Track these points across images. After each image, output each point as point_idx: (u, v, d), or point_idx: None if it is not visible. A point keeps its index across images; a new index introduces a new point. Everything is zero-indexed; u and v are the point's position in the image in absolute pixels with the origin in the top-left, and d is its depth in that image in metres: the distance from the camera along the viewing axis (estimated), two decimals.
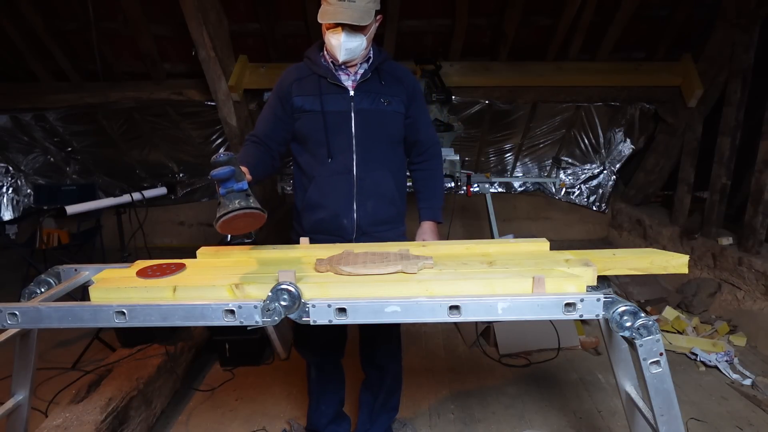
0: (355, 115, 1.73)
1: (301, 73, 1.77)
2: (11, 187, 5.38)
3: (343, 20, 1.58)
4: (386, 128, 1.78)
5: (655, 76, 4.23)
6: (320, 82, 1.73)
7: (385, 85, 1.76)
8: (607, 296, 1.23)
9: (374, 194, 1.80)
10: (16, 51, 4.19)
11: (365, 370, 2.10)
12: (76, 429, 1.87)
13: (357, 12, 1.57)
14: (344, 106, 1.73)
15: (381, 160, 1.79)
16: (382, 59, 1.78)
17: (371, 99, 1.74)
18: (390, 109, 1.76)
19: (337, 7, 1.57)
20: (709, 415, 2.37)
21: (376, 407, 2.10)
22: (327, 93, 1.73)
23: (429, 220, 1.88)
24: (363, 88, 1.74)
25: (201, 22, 3.54)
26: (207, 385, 2.71)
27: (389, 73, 1.78)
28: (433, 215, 1.86)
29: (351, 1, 1.56)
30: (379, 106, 1.75)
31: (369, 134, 1.75)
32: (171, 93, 4.38)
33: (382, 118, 1.76)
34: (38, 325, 1.27)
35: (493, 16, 3.94)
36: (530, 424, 2.33)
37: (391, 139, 1.81)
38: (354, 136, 1.74)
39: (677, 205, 4.30)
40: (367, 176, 1.77)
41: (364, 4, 1.58)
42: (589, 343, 3.02)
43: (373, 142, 1.76)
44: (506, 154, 5.16)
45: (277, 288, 1.23)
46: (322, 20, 1.61)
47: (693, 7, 3.85)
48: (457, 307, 1.23)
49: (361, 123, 1.74)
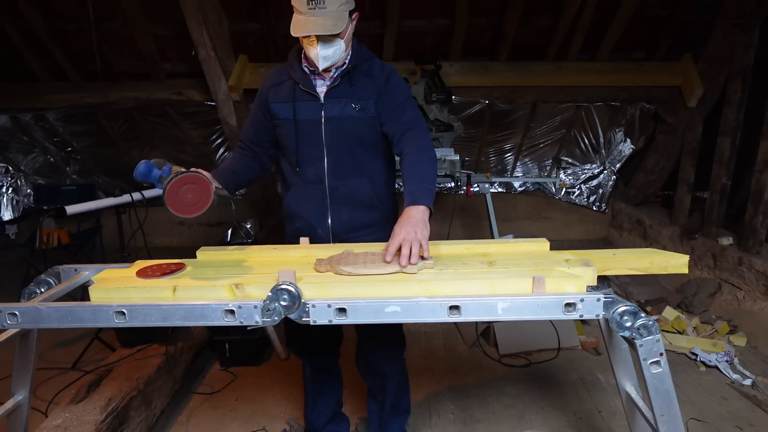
0: (326, 123, 1.68)
1: (279, 78, 1.74)
2: (11, 187, 5.38)
3: (315, 32, 1.52)
4: (358, 134, 1.71)
5: (655, 76, 4.23)
6: (294, 89, 1.69)
7: (356, 88, 1.68)
8: (607, 296, 1.23)
9: (349, 202, 1.75)
10: (16, 51, 4.19)
11: (364, 378, 2.04)
12: (76, 429, 1.87)
13: (330, 19, 1.51)
14: (315, 114, 1.69)
15: (355, 168, 1.73)
16: (359, 60, 1.70)
17: (342, 105, 1.68)
18: (361, 115, 1.68)
19: (308, 17, 1.51)
20: (709, 415, 2.37)
21: (384, 414, 2.03)
22: (300, 100, 1.69)
23: (409, 205, 1.53)
24: (333, 94, 1.68)
25: (201, 22, 3.54)
26: (207, 385, 2.70)
27: (364, 74, 1.70)
28: (411, 199, 1.53)
29: (322, 8, 1.49)
30: (349, 112, 1.68)
31: (340, 142, 1.70)
32: (171, 93, 4.38)
33: (353, 125, 1.69)
34: (38, 325, 1.27)
35: (493, 16, 3.94)
36: (530, 424, 2.33)
37: (365, 144, 1.73)
38: (325, 145, 1.70)
39: (677, 205, 4.31)
40: (341, 185, 1.73)
41: (336, 8, 1.51)
42: (589, 343, 3.02)
43: (345, 150, 1.71)
44: (506, 154, 5.16)
45: (277, 288, 1.23)
46: (295, 34, 1.54)
47: (693, 7, 3.85)
48: (457, 307, 1.23)
49: (331, 131, 1.69)
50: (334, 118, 1.68)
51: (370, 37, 4.09)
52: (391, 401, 2.00)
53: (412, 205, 1.51)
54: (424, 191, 1.55)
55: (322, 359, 2.02)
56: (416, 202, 1.52)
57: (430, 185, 1.58)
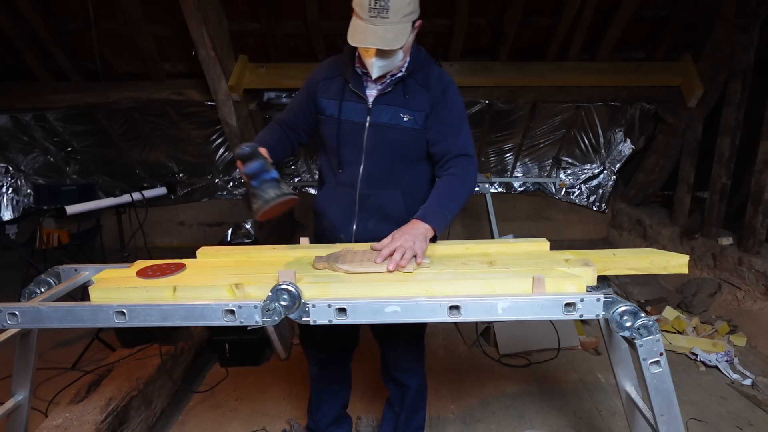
0: (369, 128, 1.62)
1: (331, 72, 1.69)
2: (11, 187, 5.38)
3: (373, 45, 1.43)
4: (401, 146, 1.63)
5: (655, 76, 4.22)
6: (344, 88, 1.64)
7: (409, 98, 1.60)
8: (607, 296, 1.23)
9: (377, 213, 1.69)
10: (16, 51, 4.18)
11: (386, 385, 2.00)
12: (76, 429, 1.87)
13: (390, 32, 1.42)
14: (360, 117, 1.62)
15: (390, 179, 1.66)
16: (417, 67, 1.62)
17: (390, 113, 1.61)
18: (409, 126, 1.61)
19: (368, 25, 1.41)
20: (709, 415, 2.37)
21: (399, 427, 2.01)
22: (347, 100, 1.63)
23: (418, 219, 1.54)
24: (383, 100, 1.61)
25: (201, 22, 3.53)
26: (207, 385, 2.70)
27: (420, 83, 1.62)
28: (423, 214, 1.53)
29: (384, 18, 1.40)
30: (397, 122, 1.61)
31: (381, 150, 1.63)
32: (171, 93, 4.38)
33: (398, 135, 1.62)
34: (38, 325, 1.27)
35: (493, 16, 3.94)
36: (530, 424, 2.33)
37: (406, 157, 1.66)
38: (364, 151, 1.64)
39: (677, 205, 4.31)
40: (372, 194, 1.67)
41: (399, 19, 1.42)
42: (589, 343, 3.02)
43: (384, 159, 1.64)
44: (506, 154, 5.16)
45: (277, 288, 1.23)
46: (352, 43, 1.46)
47: (693, 7, 3.85)
48: (457, 307, 1.23)
49: (373, 137, 1.62)
50: (379, 125, 1.62)
51: None
52: (406, 415, 1.99)
53: (421, 221, 1.51)
54: (440, 216, 1.54)
55: (334, 361, 1.99)
56: (426, 220, 1.52)
57: (449, 214, 1.56)
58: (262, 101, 4.41)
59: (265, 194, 1.38)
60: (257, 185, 1.40)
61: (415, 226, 1.50)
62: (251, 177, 1.40)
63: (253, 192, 1.41)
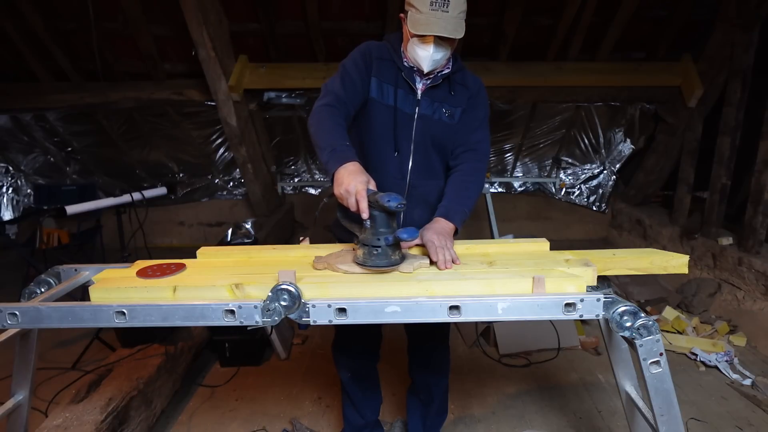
0: (418, 120, 1.67)
1: (383, 53, 1.68)
2: (11, 187, 5.39)
3: (438, 32, 1.48)
4: (441, 138, 1.71)
5: (655, 76, 4.23)
6: (398, 76, 1.66)
7: (454, 94, 1.69)
8: (607, 296, 1.23)
9: (422, 202, 1.74)
10: (16, 51, 4.19)
11: (412, 375, 2.04)
12: (76, 429, 1.87)
13: (451, 23, 1.48)
14: (411, 108, 1.67)
15: (433, 170, 1.74)
16: (456, 69, 1.70)
17: (435, 107, 1.67)
18: (449, 121, 1.69)
19: (429, 17, 1.47)
20: (709, 415, 2.37)
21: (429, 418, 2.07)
22: (400, 88, 1.66)
23: (440, 217, 1.62)
24: (430, 94, 1.67)
25: (201, 22, 3.54)
26: (207, 385, 2.70)
27: (459, 82, 1.71)
28: (445, 213, 1.62)
29: (444, 11, 1.46)
30: (441, 116, 1.68)
31: (426, 142, 1.69)
32: (171, 93, 4.38)
33: (440, 129, 1.69)
34: (38, 325, 1.27)
35: (493, 16, 3.94)
36: (530, 424, 2.33)
37: (444, 150, 1.74)
38: (413, 141, 1.68)
39: (677, 205, 4.31)
40: (420, 184, 1.73)
41: (456, 14, 1.48)
42: (589, 343, 3.02)
43: (429, 150, 1.71)
44: (506, 154, 5.17)
45: (277, 288, 1.23)
46: (416, 31, 1.51)
47: (693, 7, 3.85)
48: (457, 307, 1.23)
49: (421, 129, 1.68)
50: (425, 117, 1.67)
51: (370, 37, 4.06)
52: (431, 418, 2.07)
53: (445, 219, 1.60)
54: (460, 213, 1.63)
55: (365, 365, 2.01)
56: (449, 218, 1.61)
57: (467, 210, 1.66)
58: (262, 101, 4.41)
59: (392, 254, 1.37)
60: (390, 241, 1.35)
61: (442, 225, 1.58)
62: (405, 239, 1.36)
63: (370, 242, 1.36)
